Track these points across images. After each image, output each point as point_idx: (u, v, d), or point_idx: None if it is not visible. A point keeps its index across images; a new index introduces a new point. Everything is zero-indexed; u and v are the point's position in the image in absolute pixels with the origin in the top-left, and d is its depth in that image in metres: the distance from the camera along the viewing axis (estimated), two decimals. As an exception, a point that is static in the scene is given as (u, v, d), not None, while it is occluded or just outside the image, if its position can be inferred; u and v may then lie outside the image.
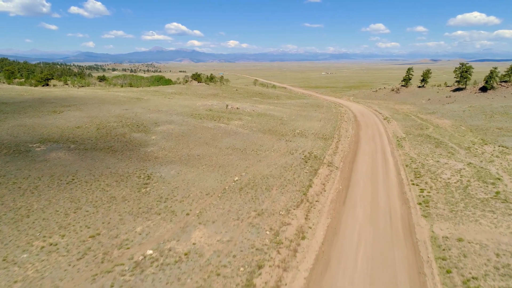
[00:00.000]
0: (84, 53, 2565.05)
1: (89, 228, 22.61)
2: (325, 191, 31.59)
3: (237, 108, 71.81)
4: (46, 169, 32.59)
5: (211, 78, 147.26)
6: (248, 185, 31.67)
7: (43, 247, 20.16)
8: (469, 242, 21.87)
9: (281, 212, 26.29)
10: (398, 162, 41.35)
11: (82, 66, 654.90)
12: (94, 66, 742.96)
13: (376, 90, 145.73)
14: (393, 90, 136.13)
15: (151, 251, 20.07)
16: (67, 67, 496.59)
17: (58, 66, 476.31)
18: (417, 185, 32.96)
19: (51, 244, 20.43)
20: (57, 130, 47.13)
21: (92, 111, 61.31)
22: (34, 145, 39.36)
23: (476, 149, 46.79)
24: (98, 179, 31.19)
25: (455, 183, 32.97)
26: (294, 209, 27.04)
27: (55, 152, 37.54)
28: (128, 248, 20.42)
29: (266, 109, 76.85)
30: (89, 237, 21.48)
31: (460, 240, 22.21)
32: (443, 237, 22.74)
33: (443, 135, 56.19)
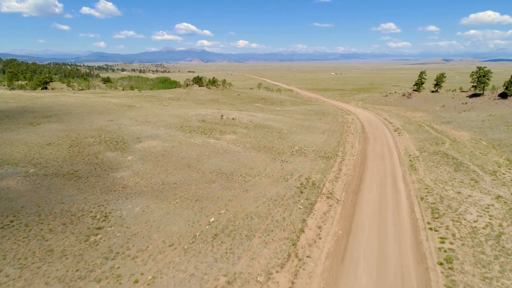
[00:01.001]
0: (96, 53, 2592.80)
1: (-4, 308, 16.98)
2: (320, 238, 25.41)
3: (233, 119, 65.86)
4: (-15, 206, 27.20)
5: (213, 82, 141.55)
6: (225, 229, 25.71)
7: None
8: None
9: (259, 278, 20.26)
10: (412, 192, 34.87)
11: (92, 66, 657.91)
12: (104, 66, 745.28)
13: (387, 95, 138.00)
14: (404, 95, 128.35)
15: None
16: (76, 67, 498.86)
17: (68, 67, 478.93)
18: (436, 230, 26.54)
19: None
20: (23, 148, 41.96)
21: (73, 123, 56.15)
22: (-13, 170, 34.12)
23: (503, 174, 40.03)
24: (43, 220, 25.63)
25: (483, 228, 26.47)
26: (277, 271, 20.97)
27: (7, 179, 32.21)
28: None
29: (265, 119, 70.74)
30: (-11, 326, 15.83)
31: (501, 338, 15.90)
32: (476, 330, 16.45)
33: (462, 153, 49.35)
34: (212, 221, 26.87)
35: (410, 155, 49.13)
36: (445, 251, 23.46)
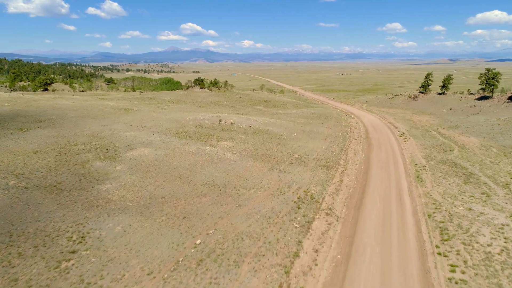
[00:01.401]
0: (101, 53, 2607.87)
1: None
2: (316, 265, 22.95)
3: (232, 124, 63.53)
4: (-46, 224, 25.13)
5: (214, 84, 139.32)
6: (212, 253, 23.36)
7: None
8: None
9: (244, 317, 17.90)
10: (418, 208, 32.25)
11: (97, 66, 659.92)
12: (109, 66, 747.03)
13: (392, 97, 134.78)
14: (410, 97, 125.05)
15: None
16: (81, 68, 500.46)
17: (73, 67, 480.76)
18: (446, 256, 23.93)
19: None
20: (8, 156, 40.00)
21: (65, 129, 54.20)
22: (-35, 182, 32.12)
23: (517, 186, 37.20)
24: (14, 242, 23.48)
25: (498, 254, 23.81)
26: (265, 308, 18.60)
27: (-16, 193, 30.14)
28: None
29: (265, 124, 68.30)
30: None
31: None
32: None
33: (471, 162, 46.55)
34: (199, 243, 24.54)
35: (416, 164, 46.43)
36: (456, 283, 20.89)
